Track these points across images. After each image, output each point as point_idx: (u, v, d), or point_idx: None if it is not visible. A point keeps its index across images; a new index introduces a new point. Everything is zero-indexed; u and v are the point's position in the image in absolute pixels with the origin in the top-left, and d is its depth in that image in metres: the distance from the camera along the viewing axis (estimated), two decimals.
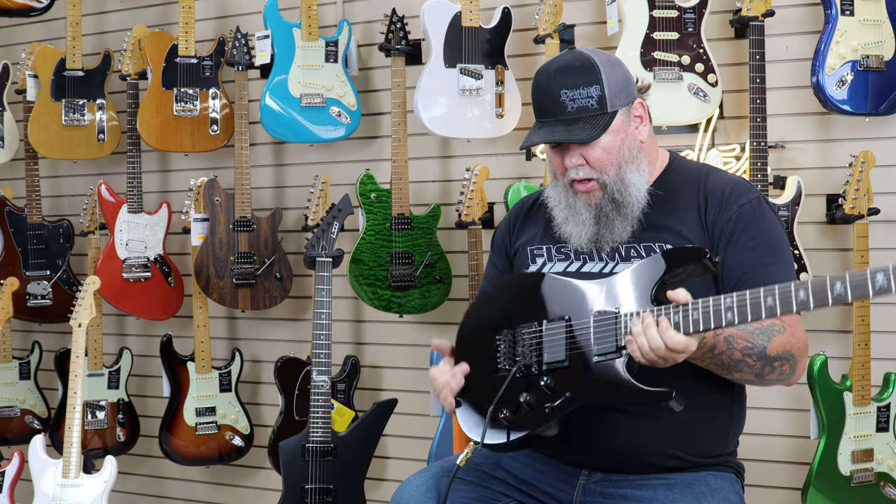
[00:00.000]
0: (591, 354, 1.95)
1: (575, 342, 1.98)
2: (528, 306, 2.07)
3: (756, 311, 1.79)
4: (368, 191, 3.68)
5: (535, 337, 2.03)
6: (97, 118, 4.19)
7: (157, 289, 4.11)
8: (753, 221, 2.11)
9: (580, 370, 1.96)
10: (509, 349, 2.06)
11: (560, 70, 2.10)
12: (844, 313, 3.35)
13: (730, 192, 2.14)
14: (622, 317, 1.92)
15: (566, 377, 1.98)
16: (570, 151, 2.12)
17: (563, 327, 2.00)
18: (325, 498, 3.45)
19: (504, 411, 2.01)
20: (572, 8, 3.61)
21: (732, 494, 2.12)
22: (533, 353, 2.03)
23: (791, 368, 2.03)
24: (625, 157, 2.13)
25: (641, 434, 2.09)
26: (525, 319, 2.06)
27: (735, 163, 3.39)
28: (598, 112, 2.09)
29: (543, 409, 1.98)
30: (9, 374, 4.33)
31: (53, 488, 3.50)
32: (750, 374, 1.99)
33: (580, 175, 2.12)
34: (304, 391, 3.68)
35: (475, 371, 2.11)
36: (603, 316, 1.95)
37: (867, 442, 3.18)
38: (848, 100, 3.22)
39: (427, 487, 2.15)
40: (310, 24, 3.81)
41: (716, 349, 1.94)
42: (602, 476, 2.15)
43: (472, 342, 2.15)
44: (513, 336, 2.07)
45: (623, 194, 2.13)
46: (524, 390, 2.01)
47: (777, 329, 2.00)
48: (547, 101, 2.11)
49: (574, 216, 2.16)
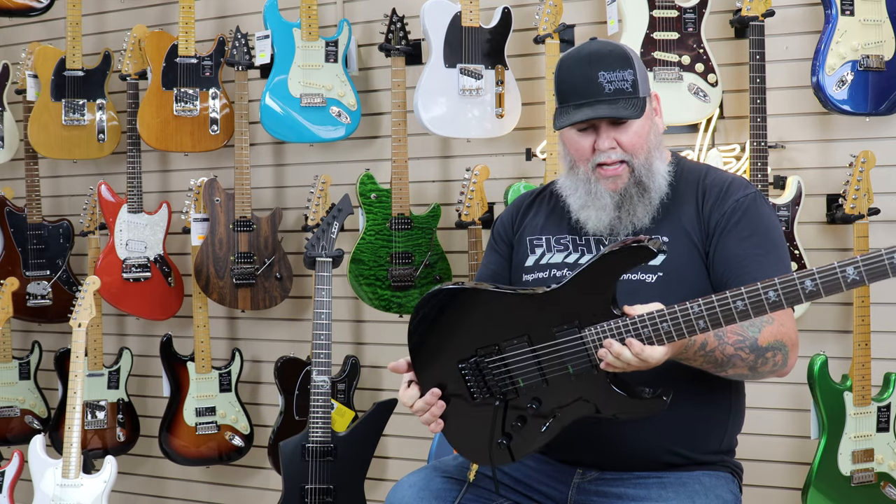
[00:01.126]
0: (567, 376, 1.95)
1: (545, 364, 1.97)
2: (480, 328, 2.02)
3: (728, 317, 1.82)
4: (368, 191, 3.68)
5: (501, 365, 2.01)
6: (97, 118, 4.19)
7: (157, 289, 4.11)
8: (747, 214, 2.13)
9: (562, 385, 1.96)
10: (478, 379, 2.03)
11: (594, 55, 2.13)
12: (845, 313, 3.35)
13: (727, 187, 2.17)
14: (588, 335, 1.91)
15: (550, 394, 1.97)
16: (603, 134, 2.13)
17: (528, 351, 1.97)
18: (325, 498, 3.45)
19: (501, 439, 2.01)
20: (572, 8, 3.61)
21: (727, 493, 2.11)
22: (506, 381, 2.01)
23: (784, 358, 2.03)
24: (652, 142, 2.16)
25: (637, 432, 2.09)
26: (483, 342, 2.01)
27: (735, 163, 3.39)
28: (632, 95, 2.11)
29: (538, 431, 1.99)
30: (9, 374, 4.33)
31: (53, 488, 3.50)
32: (744, 368, 1.99)
33: (612, 158, 2.13)
34: (304, 391, 3.68)
35: (450, 395, 2.06)
36: (566, 335, 1.93)
37: (867, 442, 3.18)
38: (848, 100, 3.22)
39: (420, 488, 2.15)
40: (310, 24, 3.81)
41: (707, 346, 1.94)
42: (597, 475, 2.15)
43: (433, 369, 2.08)
44: (477, 365, 2.02)
45: (649, 179, 2.15)
46: (514, 417, 2.00)
47: (765, 320, 2.00)
48: (582, 83, 2.11)
49: (594, 201, 2.16)
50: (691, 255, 2.12)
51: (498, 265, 2.36)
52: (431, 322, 2.06)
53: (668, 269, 2.10)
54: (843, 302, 3.35)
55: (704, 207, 2.15)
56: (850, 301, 3.26)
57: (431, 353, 2.07)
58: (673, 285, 2.07)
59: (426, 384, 2.07)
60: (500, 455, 2.03)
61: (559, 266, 2.20)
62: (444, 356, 2.05)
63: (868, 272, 1.73)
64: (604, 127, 2.13)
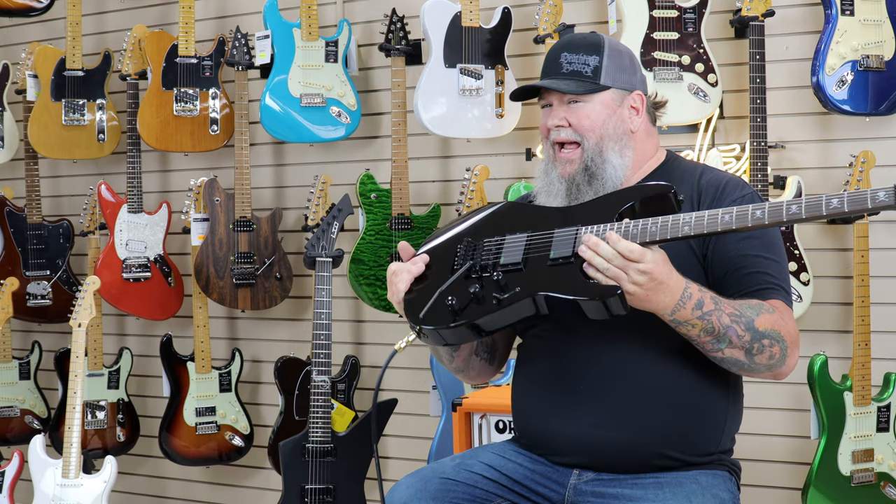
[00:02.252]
0: (546, 259, 1.98)
1: (532, 249, 2.01)
2: (497, 224, 2.12)
3: (712, 225, 1.86)
4: (368, 191, 3.68)
5: (496, 244, 2.07)
6: (97, 118, 4.19)
7: (157, 289, 4.11)
8: None
9: (533, 270, 1.98)
10: (468, 252, 2.09)
11: (569, 40, 2.22)
12: (845, 313, 3.35)
13: (724, 187, 2.17)
14: (581, 230, 1.96)
15: (519, 276, 1.99)
16: (555, 111, 2.18)
17: (524, 238, 2.04)
18: (325, 498, 3.45)
19: (452, 297, 2.01)
20: (572, 8, 3.61)
21: (724, 492, 2.11)
22: (490, 256, 2.05)
23: (781, 353, 2.01)
24: (608, 132, 2.17)
25: (634, 433, 2.09)
26: (490, 234, 2.11)
27: (735, 163, 3.39)
28: (589, 79, 2.16)
29: (491, 300, 1.98)
30: (9, 374, 4.33)
31: (53, 488, 3.50)
32: (740, 349, 1.98)
33: (561, 136, 2.17)
34: (304, 391, 3.68)
35: (433, 268, 2.12)
36: (563, 231, 1.99)
37: (867, 442, 3.18)
38: (848, 100, 3.22)
39: (417, 489, 2.15)
40: (310, 24, 3.81)
41: (704, 306, 1.93)
42: (593, 475, 2.15)
43: (435, 248, 2.16)
44: (474, 243, 2.10)
45: (598, 165, 2.16)
46: (475, 283, 2.01)
47: (766, 308, 2.01)
48: (547, 63, 2.20)
49: (548, 186, 2.21)
50: (688, 256, 2.11)
51: None
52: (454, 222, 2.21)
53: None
54: (843, 302, 3.35)
55: (700, 208, 2.15)
56: (850, 301, 3.27)
57: (440, 237, 2.17)
58: None
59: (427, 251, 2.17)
60: (443, 312, 2.01)
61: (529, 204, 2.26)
62: (449, 244, 2.14)
63: (850, 198, 1.77)
64: (556, 104, 2.18)
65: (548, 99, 2.20)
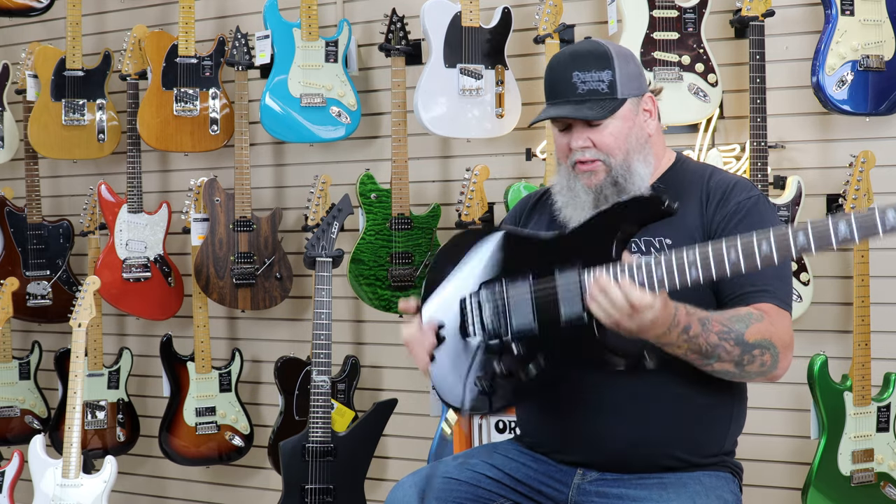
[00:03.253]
0: (558, 318, 1.94)
1: (541, 305, 1.97)
2: (488, 266, 2.07)
3: (720, 266, 1.82)
4: (368, 191, 3.68)
5: (501, 300, 2.03)
6: (97, 118, 4.19)
7: (157, 289, 4.11)
8: (749, 216, 2.12)
9: (551, 335, 1.96)
10: (476, 312, 2.05)
11: (574, 55, 2.14)
12: (845, 313, 3.35)
13: (731, 188, 2.16)
14: (586, 276, 1.91)
15: (537, 342, 1.97)
16: (577, 133, 2.13)
17: (527, 290, 1.99)
18: (325, 498, 3.45)
19: (480, 380, 2.00)
20: (572, 8, 3.61)
21: (728, 493, 2.11)
22: (501, 319, 2.02)
23: (773, 360, 2.00)
24: (632, 145, 2.14)
25: (638, 433, 2.09)
26: (488, 278, 2.06)
27: (735, 163, 3.39)
28: (607, 96, 2.11)
29: (519, 378, 1.97)
30: (9, 374, 4.33)
31: (53, 488, 3.50)
32: (729, 363, 1.97)
33: (586, 156, 2.13)
34: (304, 391, 3.68)
35: (447, 332, 2.09)
36: (566, 276, 1.94)
37: (867, 442, 3.18)
38: (848, 100, 3.22)
39: (420, 488, 2.15)
40: (310, 24, 3.81)
41: (690, 330, 1.92)
42: (597, 475, 2.15)
43: (438, 304, 2.13)
44: (477, 299, 2.05)
45: (626, 180, 2.13)
46: (498, 356, 2.00)
47: (755, 317, 1.99)
48: (558, 82, 2.13)
49: (573, 199, 2.16)
50: None
51: None
52: (445, 261, 2.13)
53: None
54: (843, 302, 3.35)
55: (708, 209, 2.15)
56: (850, 301, 3.26)
57: (439, 290, 2.12)
58: None
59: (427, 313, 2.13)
60: (478, 401, 2.01)
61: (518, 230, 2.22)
62: (450, 293, 2.09)
63: (860, 228, 1.74)
64: (577, 126, 2.13)
65: (567, 122, 2.14)
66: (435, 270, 2.16)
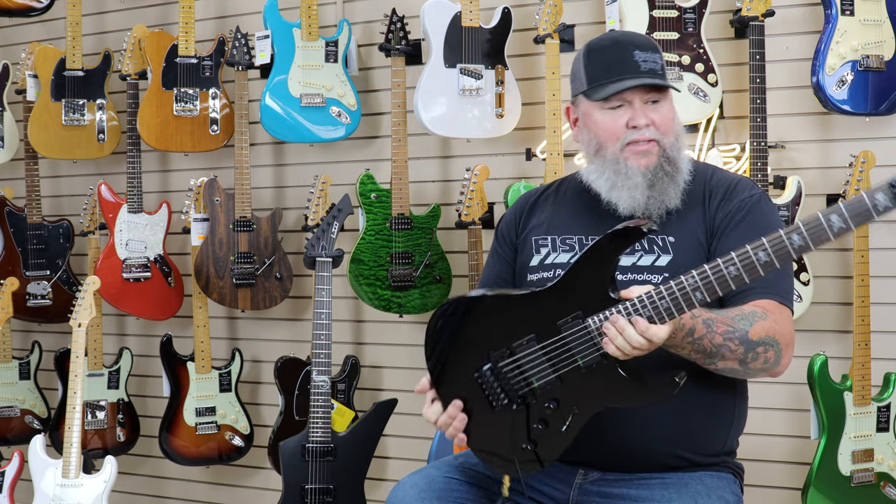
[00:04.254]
0: (578, 369, 1.95)
1: (555, 360, 1.97)
2: (489, 334, 2.03)
3: (723, 284, 1.83)
4: (368, 191, 3.68)
5: (514, 368, 2.01)
6: (97, 118, 4.19)
7: (157, 289, 4.11)
8: (751, 214, 2.13)
9: (576, 382, 1.96)
10: (494, 386, 2.03)
11: (629, 36, 2.20)
12: (845, 313, 3.35)
13: (734, 187, 2.18)
14: (591, 324, 1.91)
15: (565, 392, 1.97)
16: (639, 111, 2.14)
17: (537, 349, 1.98)
18: (325, 498, 3.45)
19: (526, 444, 2.01)
20: (572, 8, 3.61)
21: (729, 494, 2.11)
22: (521, 384, 2.01)
23: (776, 356, 2.01)
24: (678, 129, 2.19)
25: (640, 433, 2.09)
26: (494, 347, 2.02)
27: (735, 163, 3.39)
28: (663, 77, 2.16)
29: (560, 431, 1.98)
30: (9, 374, 4.33)
31: (53, 488, 3.50)
32: (734, 360, 1.98)
33: (645, 135, 2.13)
34: (304, 391, 3.68)
35: (472, 406, 2.06)
36: (571, 327, 1.94)
37: (867, 442, 3.18)
38: (848, 100, 3.22)
39: (422, 488, 2.15)
40: (310, 24, 3.81)
41: (695, 332, 1.93)
42: (599, 475, 2.15)
43: (451, 383, 2.08)
44: (491, 372, 2.02)
45: (677, 159, 2.16)
46: (535, 420, 2.00)
47: (758, 315, 2.00)
48: (620, 60, 2.14)
49: (625, 181, 2.14)
50: (698, 256, 2.12)
51: (501, 269, 2.36)
52: (442, 337, 2.08)
53: (675, 269, 2.10)
54: (843, 302, 3.35)
55: (710, 207, 2.16)
56: (850, 301, 3.26)
57: (447, 367, 2.08)
58: None
59: (447, 399, 2.07)
60: (529, 462, 2.02)
61: (564, 266, 2.19)
62: (459, 368, 2.06)
63: (851, 215, 1.75)
64: (638, 104, 2.14)
65: (627, 98, 2.15)
66: (433, 345, 2.10)
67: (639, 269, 2.14)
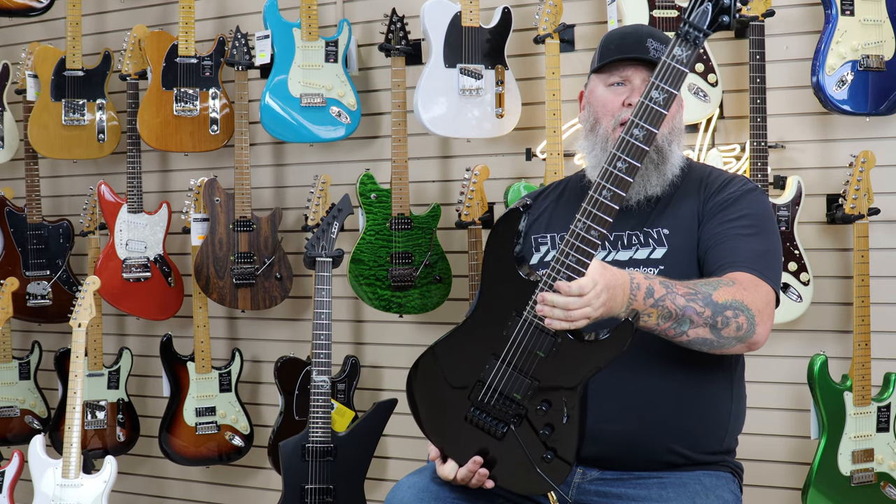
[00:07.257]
0: (539, 357, 1.96)
1: (520, 365, 1.99)
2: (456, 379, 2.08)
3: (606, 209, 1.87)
4: (368, 191, 3.68)
5: (493, 394, 2.02)
6: (97, 118, 4.18)
7: (156, 289, 4.11)
8: (740, 201, 2.16)
9: (548, 373, 1.97)
10: (487, 419, 2.05)
11: (645, 27, 2.26)
12: (845, 313, 3.35)
13: (727, 181, 2.21)
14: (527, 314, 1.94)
15: (546, 388, 1.98)
16: (636, 91, 2.16)
17: (500, 367, 2.01)
18: (325, 498, 3.45)
19: (544, 454, 2.01)
20: (572, 8, 3.61)
21: (728, 493, 2.11)
22: (507, 403, 2.02)
23: (749, 323, 1.99)
24: (675, 127, 2.21)
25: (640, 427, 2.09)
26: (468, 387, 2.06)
27: (735, 163, 3.39)
28: None
29: (562, 422, 1.98)
30: (9, 374, 4.33)
31: (53, 488, 3.50)
32: (705, 328, 1.96)
33: None
34: (304, 391, 3.68)
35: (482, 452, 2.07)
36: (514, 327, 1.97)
37: (867, 442, 3.18)
38: (848, 100, 3.22)
39: (420, 489, 2.15)
40: (310, 24, 3.81)
41: (654, 292, 1.92)
42: (597, 474, 2.16)
43: (451, 438, 2.11)
44: (478, 410, 2.05)
45: (665, 150, 2.18)
46: (538, 426, 2.00)
47: (724, 283, 2.00)
48: (633, 43, 2.19)
49: None
50: (692, 248, 2.13)
51: None
52: (422, 407, 2.17)
53: (670, 261, 2.12)
54: (843, 302, 3.35)
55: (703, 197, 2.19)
56: (850, 301, 3.27)
57: (439, 426, 2.13)
58: (675, 277, 2.07)
59: (455, 454, 2.10)
60: (557, 470, 2.01)
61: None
62: (450, 422, 2.09)
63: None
64: (638, 84, 2.17)
65: (629, 77, 2.18)
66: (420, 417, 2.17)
67: (635, 262, 2.15)
